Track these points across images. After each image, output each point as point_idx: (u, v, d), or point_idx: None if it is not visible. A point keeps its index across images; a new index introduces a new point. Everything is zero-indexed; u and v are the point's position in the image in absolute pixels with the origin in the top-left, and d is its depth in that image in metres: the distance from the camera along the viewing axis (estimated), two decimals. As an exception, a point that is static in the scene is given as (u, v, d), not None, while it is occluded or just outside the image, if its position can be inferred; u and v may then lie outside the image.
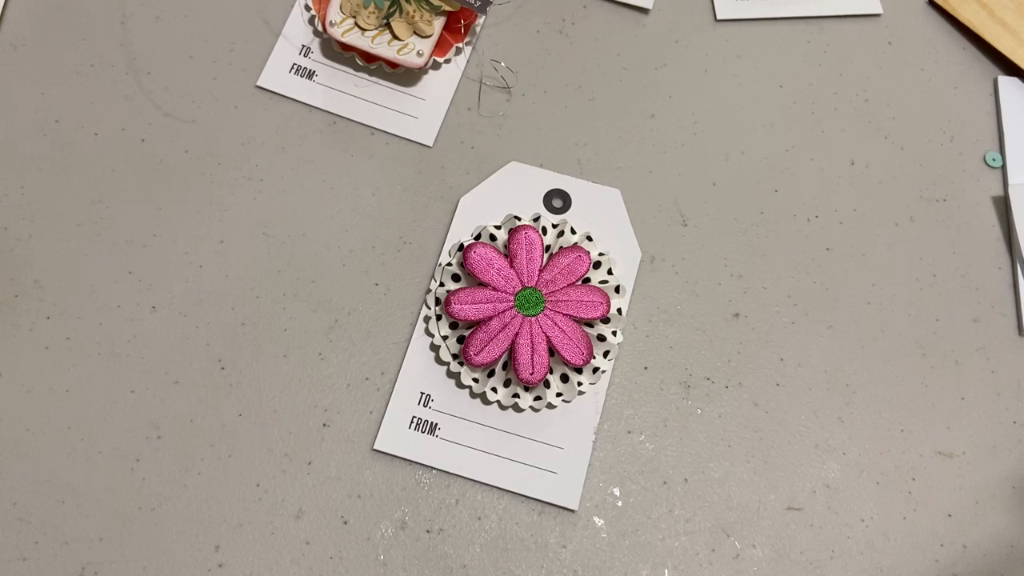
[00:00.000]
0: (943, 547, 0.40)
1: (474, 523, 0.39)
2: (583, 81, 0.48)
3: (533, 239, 0.41)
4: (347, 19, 0.44)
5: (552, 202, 0.44)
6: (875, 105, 0.49)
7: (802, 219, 0.46)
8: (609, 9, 0.50)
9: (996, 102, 0.49)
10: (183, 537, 0.37)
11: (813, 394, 0.42)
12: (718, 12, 0.50)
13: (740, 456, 0.41)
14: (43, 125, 0.44)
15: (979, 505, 0.41)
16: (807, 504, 0.40)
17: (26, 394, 0.39)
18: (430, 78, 0.47)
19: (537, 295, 0.40)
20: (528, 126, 0.46)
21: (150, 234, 0.43)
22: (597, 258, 0.42)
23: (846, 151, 0.48)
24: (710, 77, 0.49)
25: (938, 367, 0.43)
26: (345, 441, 0.40)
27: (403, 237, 0.44)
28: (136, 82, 0.46)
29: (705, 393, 0.42)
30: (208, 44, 0.47)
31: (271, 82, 0.46)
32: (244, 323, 0.41)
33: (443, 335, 0.41)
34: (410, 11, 0.44)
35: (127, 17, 0.47)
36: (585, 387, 0.40)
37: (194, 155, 0.44)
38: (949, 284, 0.45)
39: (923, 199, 0.47)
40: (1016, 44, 0.50)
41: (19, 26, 0.46)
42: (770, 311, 0.44)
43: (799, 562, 0.39)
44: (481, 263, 0.40)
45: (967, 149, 0.48)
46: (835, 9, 0.51)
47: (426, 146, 0.45)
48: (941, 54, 0.50)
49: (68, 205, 0.43)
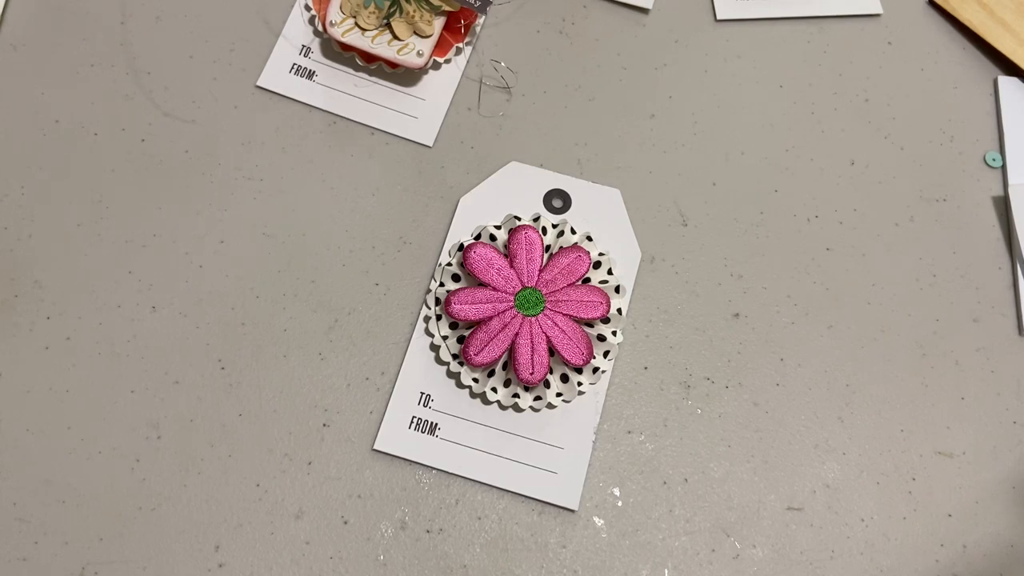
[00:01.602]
0: (943, 547, 0.40)
1: (474, 523, 0.39)
2: (583, 81, 0.48)
3: (533, 239, 0.41)
4: (347, 19, 0.44)
5: (552, 202, 0.44)
6: (875, 105, 0.49)
7: (802, 219, 0.46)
8: (609, 9, 0.50)
9: (996, 102, 0.49)
10: (183, 537, 0.37)
11: (813, 394, 0.42)
12: (718, 12, 0.50)
13: (740, 456, 0.41)
14: (43, 125, 0.44)
15: (979, 505, 0.41)
16: (807, 504, 0.40)
17: (26, 394, 0.39)
18: (430, 78, 0.47)
19: (537, 295, 0.40)
20: (528, 126, 0.46)
21: (150, 234, 0.43)
22: (597, 258, 0.42)
23: (846, 151, 0.48)
24: (710, 77, 0.49)
25: (938, 367, 0.43)
26: (345, 441, 0.40)
27: (403, 237, 0.44)
28: (136, 82, 0.46)
29: (705, 393, 0.42)
30: (208, 44, 0.47)
31: (271, 82, 0.46)
32: (244, 323, 0.41)
33: (443, 335, 0.41)
34: (410, 11, 0.44)
35: (127, 17, 0.47)
36: (585, 387, 0.40)
37: (194, 155, 0.44)
38: (949, 284, 0.45)
39: (923, 199, 0.47)
40: (1016, 44, 0.50)
41: (19, 26, 0.46)
42: (770, 311, 0.44)
43: (799, 562, 0.39)
44: (481, 263, 0.40)
45: (967, 149, 0.48)
46: (835, 9, 0.51)
47: (426, 146, 0.45)
48: (941, 54, 0.50)
49: (68, 205, 0.43)
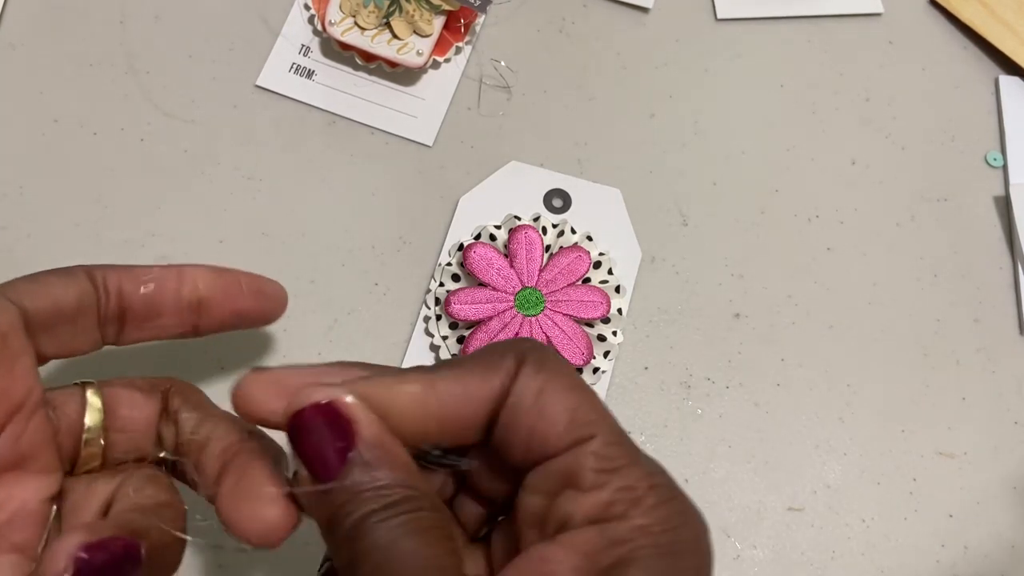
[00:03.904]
0: (944, 548, 0.40)
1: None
2: (583, 81, 0.48)
3: (533, 239, 0.41)
4: (347, 18, 0.44)
5: (552, 202, 0.44)
6: (876, 104, 0.49)
7: (803, 219, 0.46)
8: (609, 8, 0.49)
9: (997, 102, 0.49)
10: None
11: (814, 394, 0.42)
12: (719, 11, 0.50)
13: (741, 456, 0.41)
14: (42, 125, 0.44)
15: (980, 506, 0.41)
16: (808, 504, 0.40)
17: (25, 394, 0.39)
18: (430, 77, 0.47)
19: (537, 295, 0.40)
20: (528, 126, 0.46)
21: (149, 234, 0.42)
22: (597, 258, 0.42)
23: (847, 151, 0.47)
24: (710, 77, 0.48)
25: (939, 367, 0.43)
26: (345, 441, 0.39)
27: (403, 237, 0.44)
28: (135, 82, 0.45)
29: (705, 393, 0.42)
30: (207, 44, 0.46)
31: (270, 81, 0.46)
32: (243, 323, 0.41)
33: (443, 335, 0.41)
34: (410, 10, 0.44)
35: (126, 17, 0.47)
36: (585, 387, 0.40)
37: (193, 155, 0.44)
38: (950, 284, 0.45)
39: (924, 199, 0.47)
40: (1017, 43, 0.49)
41: (18, 26, 0.46)
42: (771, 311, 0.44)
43: (800, 563, 0.39)
44: (481, 263, 0.40)
45: (968, 149, 0.48)
46: (836, 8, 0.50)
47: (426, 146, 0.45)
48: (942, 53, 0.50)
49: (67, 205, 0.43)
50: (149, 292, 0.28)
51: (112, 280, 0.28)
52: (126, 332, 0.28)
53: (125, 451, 0.27)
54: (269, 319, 0.32)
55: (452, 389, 0.24)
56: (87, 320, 0.27)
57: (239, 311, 0.30)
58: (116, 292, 0.28)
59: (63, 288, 0.27)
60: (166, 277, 0.29)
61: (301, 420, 0.23)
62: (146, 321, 0.28)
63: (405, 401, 0.24)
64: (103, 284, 0.28)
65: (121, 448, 0.27)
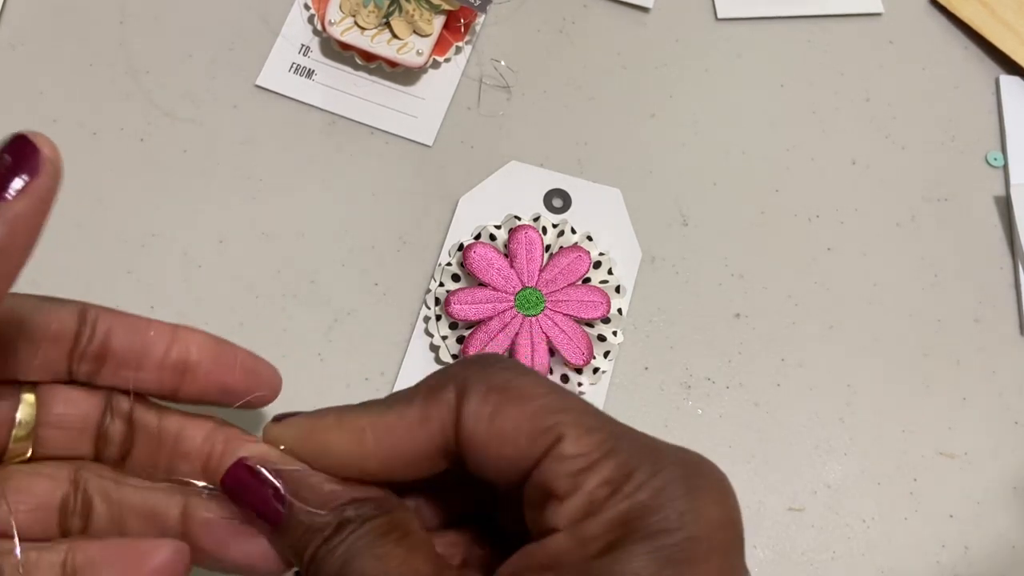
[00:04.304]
0: (945, 548, 0.40)
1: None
2: (583, 81, 0.48)
3: (533, 239, 0.41)
4: (346, 18, 0.44)
5: (552, 202, 0.44)
6: (876, 104, 0.49)
7: (803, 219, 0.46)
8: (609, 8, 0.49)
9: (998, 101, 0.49)
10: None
11: (814, 394, 0.42)
12: (719, 11, 0.50)
13: (741, 457, 0.41)
14: (41, 125, 0.44)
15: (981, 506, 0.41)
16: (808, 505, 0.40)
17: (24, 394, 0.39)
18: (430, 77, 0.47)
19: (537, 295, 0.40)
20: (528, 126, 0.46)
21: (149, 234, 0.42)
22: (597, 258, 0.42)
23: (847, 150, 0.47)
24: (711, 76, 0.48)
25: (939, 367, 0.43)
26: (344, 442, 0.39)
27: (403, 237, 0.44)
28: (135, 81, 0.45)
29: (706, 393, 0.42)
30: (207, 43, 0.46)
31: (270, 81, 0.46)
32: (243, 323, 0.41)
33: (443, 335, 0.41)
34: (410, 10, 0.44)
35: (126, 17, 0.47)
36: (585, 387, 0.40)
37: (193, 155, 0.44)
38: (950, 284, 0.45)
39: (924, 199, 0.47)
40: (1018, 43, 0.49)
41: (18, 25, 0.46)
42: (771, 311, 0.44)
43: (800, 563, 0.39)
44: (481, 263, 0.40)
45: (968, 148, 0.48)
46: (836, 8, 0.50)
47: (426, 146, 0.45)
48: (942, 53, 0.50)
49: (67, 205, 0.43)
50: (135, 340, 0.28)
51: (104, 321, 0.28)
52: (102, 375, 0.28)
53: (58, 448, 0.27)
54: (254, 404, 0.31)
55: (392, 426, 0.25)
56: (54, 349, 0.27)
57: (225, 386, 0.29)
58: (104, 332, 0.27)
59: (46, 313, 0.27)
60: (161, 331, 0.28)
61: (229, 481, 0.25)
62: (123, 369, 0.28)
63: (340, 441, 0.25)
64: (93, 321, 0.27)
65: (53, 445, 0.27)
